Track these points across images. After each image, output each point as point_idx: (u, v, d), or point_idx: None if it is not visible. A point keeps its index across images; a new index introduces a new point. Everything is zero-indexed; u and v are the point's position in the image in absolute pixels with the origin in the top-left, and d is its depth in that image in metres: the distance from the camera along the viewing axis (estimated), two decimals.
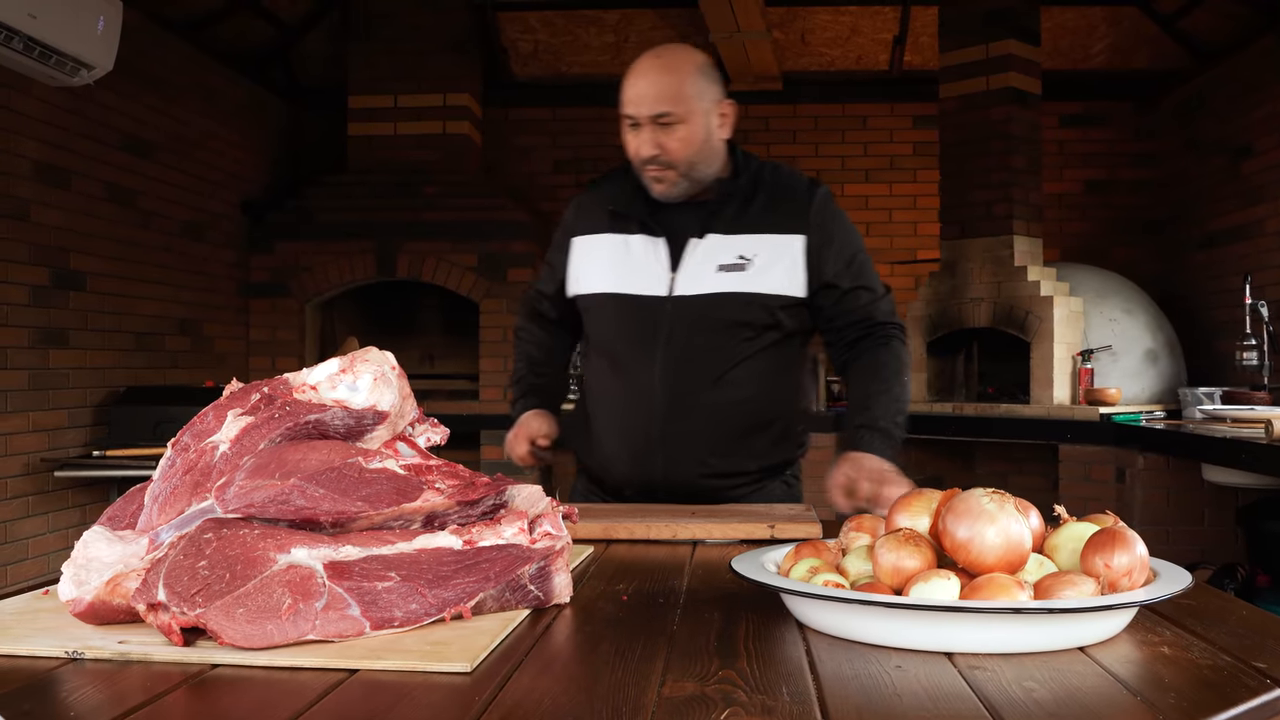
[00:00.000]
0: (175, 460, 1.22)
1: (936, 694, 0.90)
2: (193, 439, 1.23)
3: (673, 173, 2.03)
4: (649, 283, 2.07)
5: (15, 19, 3.80)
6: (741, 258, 2.04)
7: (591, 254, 2.15)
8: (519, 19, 6.44)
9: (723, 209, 2.07)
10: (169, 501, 1.18)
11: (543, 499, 1.29)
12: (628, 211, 2.11)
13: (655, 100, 1.98)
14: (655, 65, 2.01)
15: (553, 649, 1.06)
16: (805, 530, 1.70)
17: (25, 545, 4.38)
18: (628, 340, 2.09)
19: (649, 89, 1.98)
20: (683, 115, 1.99)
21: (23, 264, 4.29)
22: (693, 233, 2.06)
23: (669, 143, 2.00)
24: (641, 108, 1.99)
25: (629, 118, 2.01)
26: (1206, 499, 4.75)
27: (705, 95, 2.02)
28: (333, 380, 1.25)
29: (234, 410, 1.23)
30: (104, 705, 0.89)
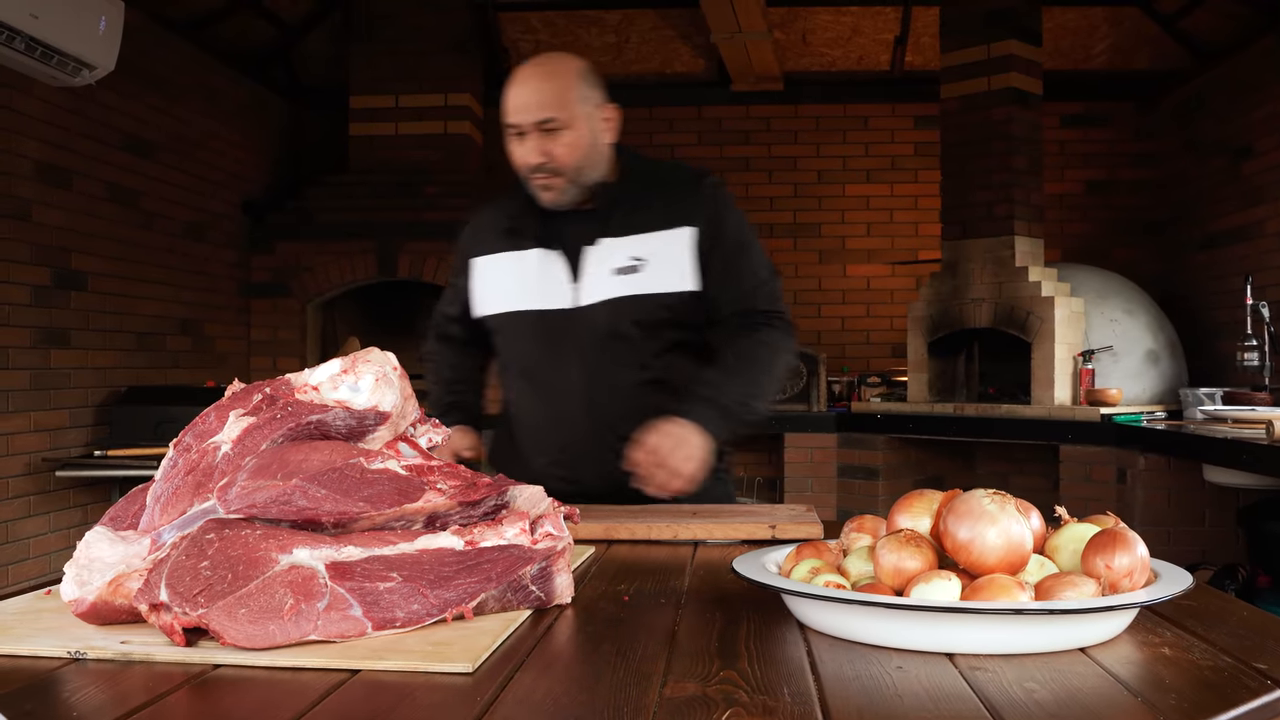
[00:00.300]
0: (177, 461, 1.22)
1: (938, 695, 0.90)
2: (195, 439, 1.23)
3: (560, 179, 2.02)
4: (552, 296, 2.06)
5: (17, 19, 3.81)
6: (635, 259, 2.03)
7: (491, 274, 2.15)
8: (520, 19, 6.45)
9: (613, 213, 2.06)
10: (171, 502, 1.18)
11: (544, 500, 1.29)
12: (521, 227, 2.11)
13: (538, 107, 1.97)
14: (536, 73, 2.01)
15: (554, 649, 1.06)
16: (806, 531, 1.71)
17: (27, 545, 4.38)
18: (541, 356, 2.09)
19: (531, 96, 1.98)
20: (567, 120, 1.99)
21: (24, 264, 4.29)
22: (586, 240, 2.05)
23: (555, 149, 1.99)
24: (525, 115, 1.98)
25: (513, 127, 2.00)
26: (1207, 500, 4.75)
27: (588, 100, 2.02)
28: (334, 381, 1.25)
29: (236, 410, 1.23)
30: (106, 705, 0.89)
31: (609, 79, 5.33)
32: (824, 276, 6.86)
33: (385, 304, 6.38)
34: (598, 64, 7.28)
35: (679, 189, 2.10)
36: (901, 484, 5.82)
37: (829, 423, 5.94)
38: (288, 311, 6.04)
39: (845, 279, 6.87)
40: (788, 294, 6.59)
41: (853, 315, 6.87)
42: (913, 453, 5.92)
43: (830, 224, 6.87)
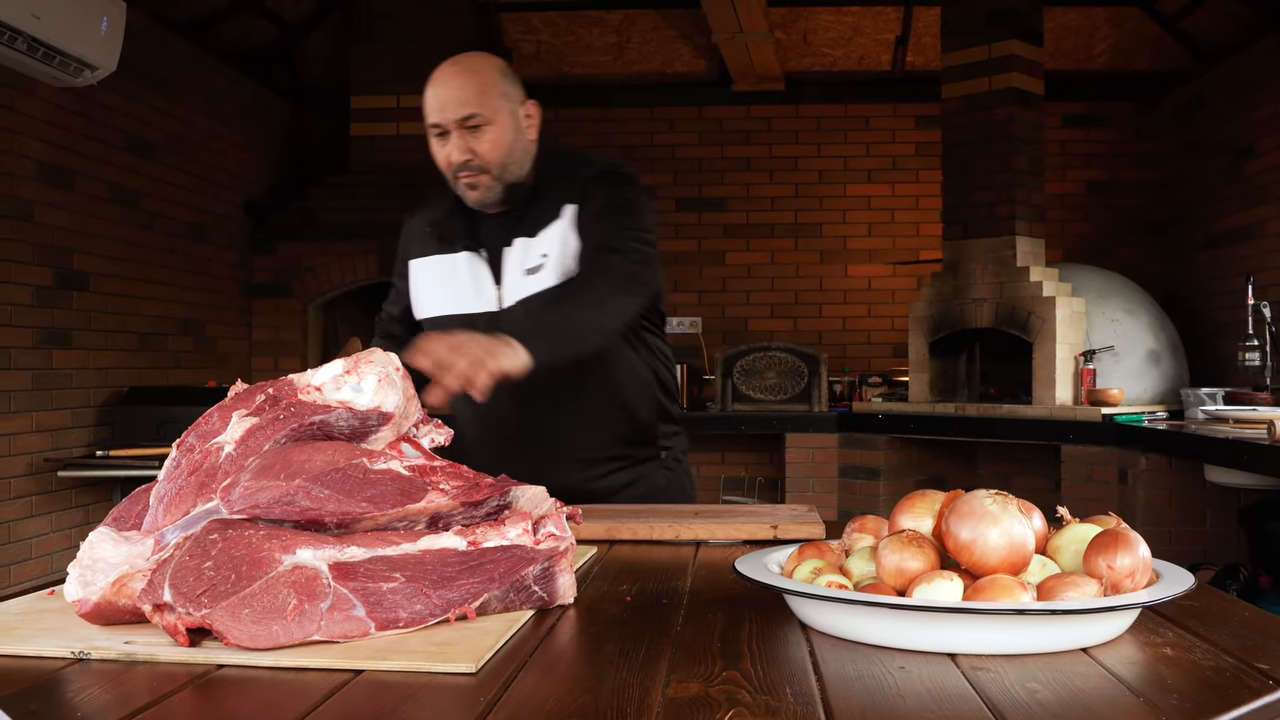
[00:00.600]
0: (180, 461, 1.22)
1: (940, 695, 0.90)
2: (198, 440, 1.23)
3: (486, 177, 2.01)
4: (479, 300, 2.05)
5: (19, 20, 3.81)
6: (543, 256, 2.01)
7: (425, 277, 2.14)
8: (521, 19, 6.45)
9: (527, 212, 2.05)
10: (174, 502, 1.19)
11: (546, 500, 1.29)
12: (449, 230, 2.10)
13: (460, 104, 1.96)
14: (455, 70, 1.99)
15: (557, 649, 1.07)
16: (809, 531, 1.71)
17: (29, 545, 4.39)
18: None
19: (452, 93, 1.96)
20: (490, 116, 1.97)
21: (26, 264, 4.30)
22: (504, 241, 2.04)
23: (479, 146, 1.98)
24: (447, 113, 1.96)
25: (435, 126, 1.98)
26: (1209, 500, 4.75)
27: (509, 96, 2.01)
28: (337, 381, 1.25)
29: (239, 411, 1.24)
30: (110, 706, 0.89)
31: (611, 80, 5.40)
32: (825, 276, 6.86)
33: None
34: (599, 64, 7.29)
35: (574, 174, 2.07)
36: (903, 484, 5.82)
37: (830, 423, 5.94)
38: (289, 312, 6.05)
39: (846, 279, 6.87)
40: (788, 293, 6.54)
41: (854, 315, 6.87)
42: (914, 453, 5.92)
43: (831, 224, 6.87)
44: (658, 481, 2.17)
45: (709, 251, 6.89)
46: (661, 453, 2.20)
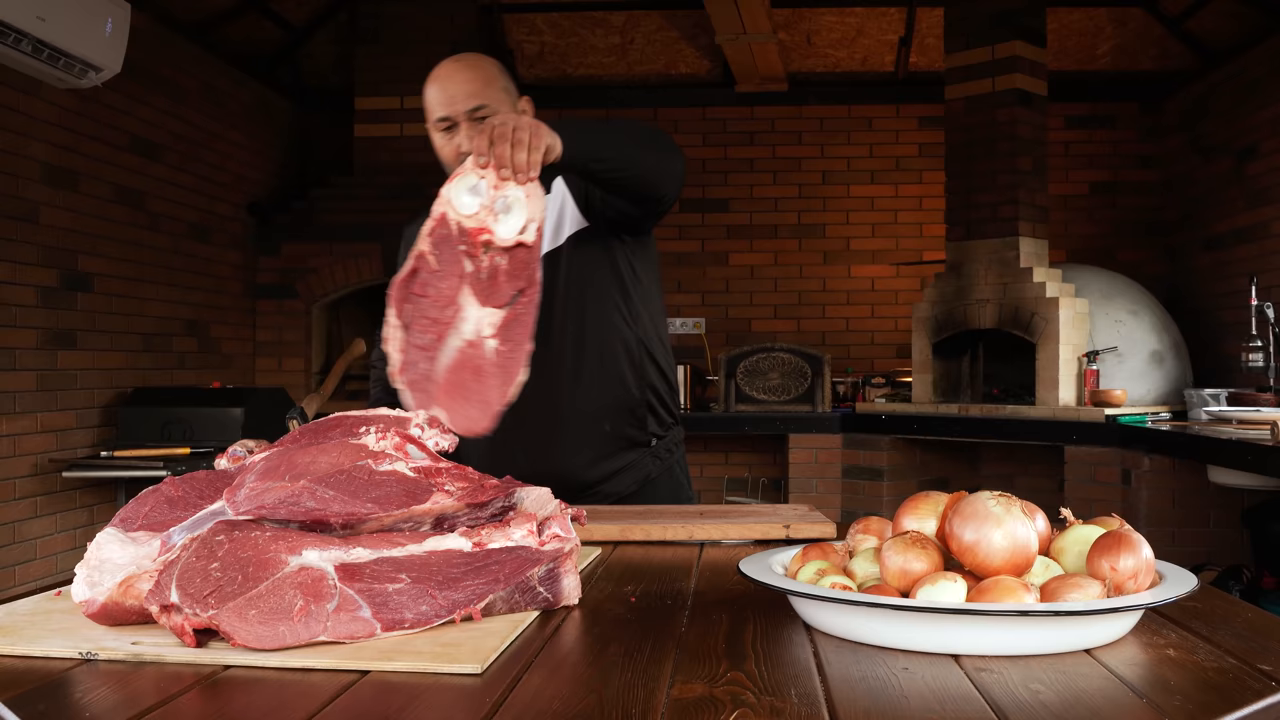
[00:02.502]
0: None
1: (943, 696, 0.90)
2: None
3: None
4: None
5: (24, 21, 3.82)
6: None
7: None
8: (525, 21, 6.46)
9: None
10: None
11: (551, 501, 1.30)
12: None
13: (469, 96, 2.01)
14: (459, 66, 2.04)
15: (562, 650, 1.07)
16: (819, 530, 1.72)
17: (34, 545, 4.40)
18: None
19: (460, 87, 2.02)
20: (496, 107, 2.03)
21: (32, 265, 4.30)
22: None
23: None
24: (456, 105, 2.01)
25: (444, 120, 2.02)
26: (1212, 501, 4.75)
27: (509, 90, 2.08)
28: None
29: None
30: (118, 706, 0.89)
31: (614, 81, 5.39)
32: (828, 277, 6.86)
33: None
34: (602, 65, 7.30)
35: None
36: (906, 485, 5.82)
37: (833, 423, 5.94)
38: (293, 313, 6.05)
39: (850, 280, 6.87)
40: (792, 294, 6.53)
41: (857, 316, 6.87)
42: (917, 454, 5.92)
43: (835, 225, 6.87)
44: (649, 469, 2.16)
45: (712, 252, 6.89)
46: (653, 440, 2.18)
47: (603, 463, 2.12)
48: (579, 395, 2.08)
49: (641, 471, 2.16)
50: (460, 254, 1.47)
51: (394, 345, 1.49)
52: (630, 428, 2.14)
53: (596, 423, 2.11)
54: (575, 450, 2.10)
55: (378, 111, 6.18)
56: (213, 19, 5.54)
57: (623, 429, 2.14)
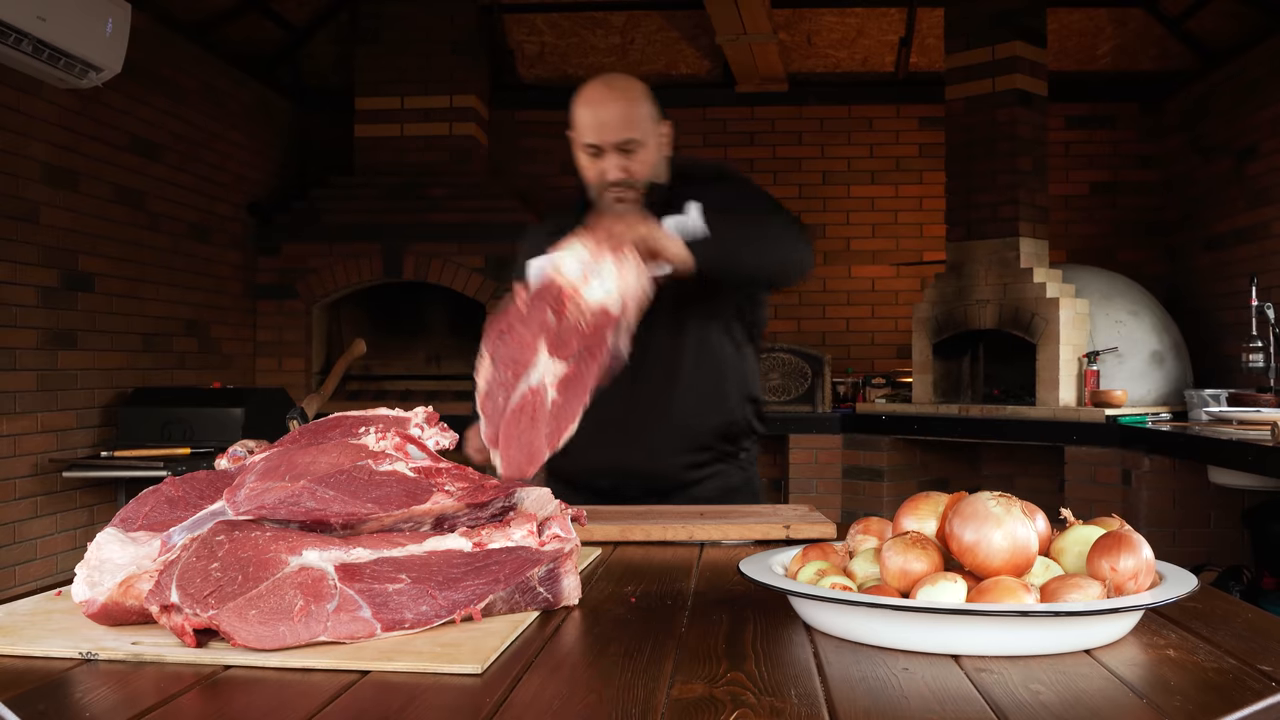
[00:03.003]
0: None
1: (943, 696, 0.90)
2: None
3: (634, 193, 2.16)
4: None
5: (24, 22, 3.82)
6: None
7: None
8: (525, 21, 6.46)
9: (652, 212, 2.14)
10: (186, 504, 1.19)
11: (551, 501, 1.30)
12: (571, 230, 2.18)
13: (620, 128, 2.12)
14: (613, 95, 2.15)
15: (562, 651, 1.07)
16: (820, 531, 1.72)
17: (34, 545, 4.40)
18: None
19: (613, 117, 2.12)
20: (643, 139, 2.14)
21: (32, 265, 4.31)
22: None
23: (633, 166, 2.14)
24: (607, 135, 2.12)
25: (593, 146, 2.14)
26: (1212, 501, 4.75)
27: (654, 117, 2.18)
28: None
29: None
30: (118, 706, 0.89)
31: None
32: (829, 278, 6.86)
33: (390, 305, 6.39)
34: (603, 65, 7.28)
35: (696, 177, 2.25)
36: (906, 485, 5.82)
37: (834, 424, 5.94)
38: (293, 313, 6.05)
39: (850, 280, 6.87)
40: (792, 294, 6.54)
41: (857, 316, 6.87)
42: (917, 454, 5.92)
43: (835, 225, 6.87)
44: (734, 480, 2.29)
45: None
46: (741, 453, 2.33)
47: (696, 469, 2.25)
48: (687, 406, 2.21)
49: (727, 480, 2.27)
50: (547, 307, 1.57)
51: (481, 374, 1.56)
52: (725, 442, 2.28)
53: (698, 433, 2.24)
54: (674, 454, 2.22)
55: (378, 111, 6.19)
56: (213, 19, 5.54)
57: (719, 442, 2.27)
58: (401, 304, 6.38)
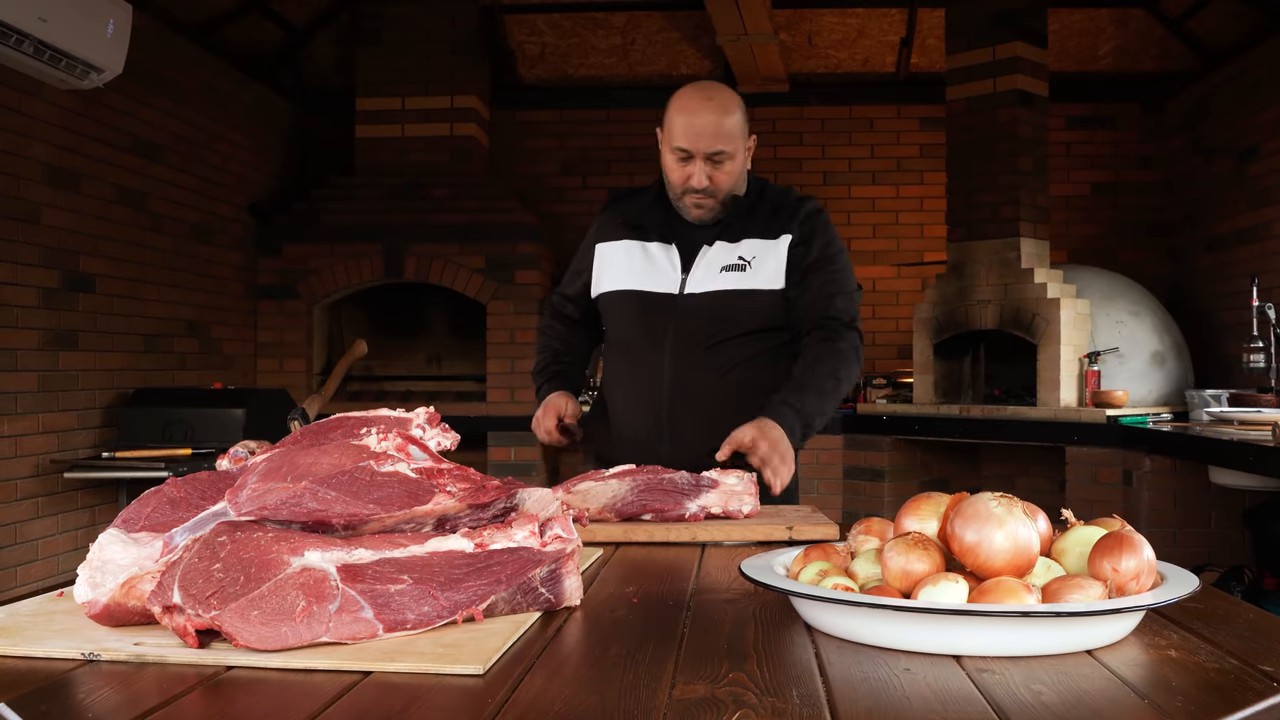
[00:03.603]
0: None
1: (945, 696, 0.90)
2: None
3: (713, 201, 2.26)
4: (663, 281, 2.29)
5: (26, 23, 3.82)
6: (741, 259, 2.27)
7: (613, 257, 2.38)
8: (526, 21, 6.46)
9: (732, 222, 2.29)
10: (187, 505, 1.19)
11: (553, 502, 1.30)
12: (647, 222, 2.34)
13: (713, 139, 2.19)
14: (711, 106, 2.21)
15: (564, 651, 1.07)
16: (822, 532, 1.72)
17: (35, 546, 4.40)
18: (641, 332, 2.30)
19: (708, 127, 2.19)
20: (732, 153, 2.22)
21: (33, 266, 4.31)
22: (705, 241, 2.29)
23: (718, 176, 2.22)
24: (700, 144, 2.19)
25: (683, 150, 2.21)
26: (1213, 501, 4.75)
27: (745, 133, 2.26)
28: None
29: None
30: (120, 707, 0.90)
31: (615, 81, 5.36)
32: None
33: (391, 306, 6.39)
34: (603, 65, 7.27)
35: (785, 203, 2.35)
36: (907, 486, 5.82)
37: (835, 424, 5.94)
38: (294, 313, 6.06)
39: None
40: None
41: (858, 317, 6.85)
42: (918, 454, 5.92)
43: (836, 226, 6.84)
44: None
45: None
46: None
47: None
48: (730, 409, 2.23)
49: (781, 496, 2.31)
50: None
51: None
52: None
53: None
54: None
55: (379, 112, 6.19)
56: (214, 20, 5.54)
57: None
58: (402, 305, 6.38)
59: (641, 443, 2.28)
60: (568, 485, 1.82)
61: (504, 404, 5.90)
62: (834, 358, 2.22)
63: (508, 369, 5.93)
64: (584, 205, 6.77)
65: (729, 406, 2.22)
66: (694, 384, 2.25)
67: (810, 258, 2.29)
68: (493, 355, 5.96)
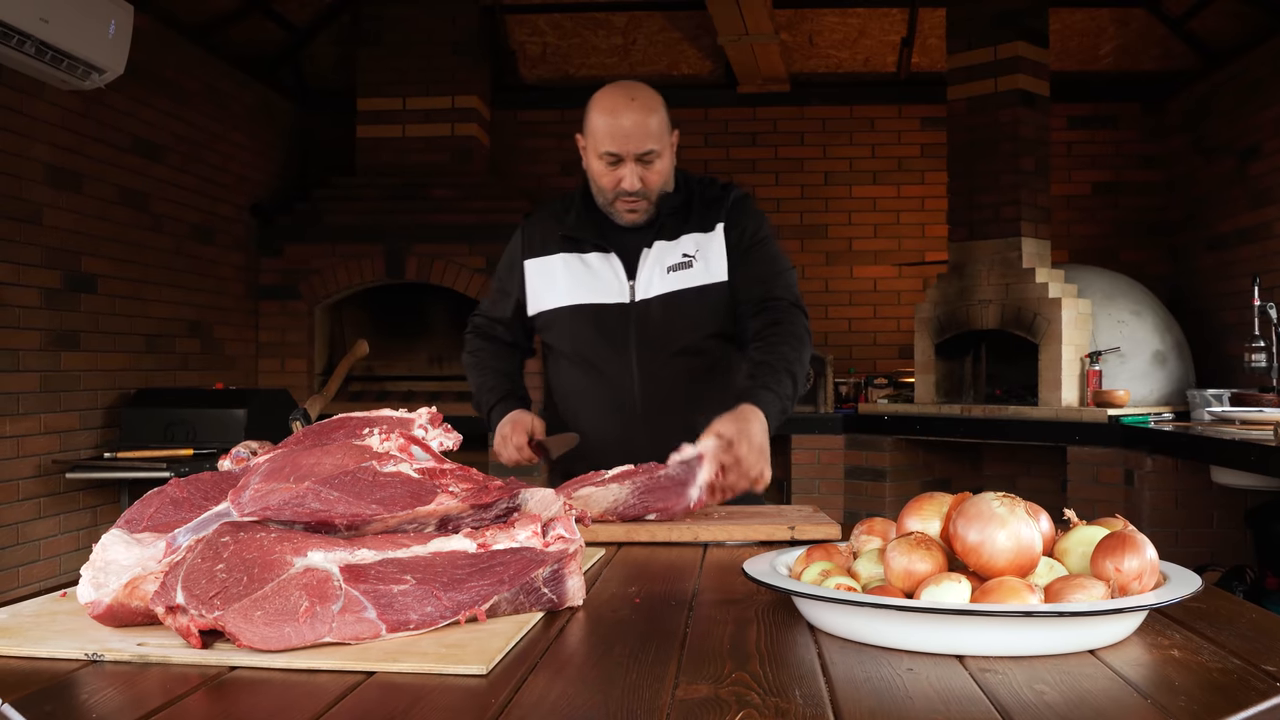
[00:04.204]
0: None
1: (948, 696, 0.90)
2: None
3: (645, 202, 2.23)
4: (610, 292, 2.27)
5: (27, 23, 3.83)
6: (685, 255, 2.26)
7: (548, 273, 2.33)
8: (527, 21, 6.46)
9: (664, 220, 2.26)
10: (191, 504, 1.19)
11: (556, 502, 1.30)
12: (579, 233, 2.29)
13: (642, 139, 2.15)
14: (635, 106, 2.17)
15: (567, 652, 1.07)
16: (824, 532, 1.72)
17: (37, 547, 4.40)
18: (600, 345, 2.27)
19: (635, 129, 2.15)
20: (660, 151, 2.19)
21: (35, 267, 4.31)
22: (644, 242, 2.26)
23: (649, 176, 2.19)
24: (629, 145, 2.16)
25: (612, 154, 2.17)
26: (1215, 501, 4.75)
27: (669, 128, 2.23)
28: None
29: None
30: (124, 707, 0.90)
31: (616, 81, 5.22)
32: (831, 278, 6.86)
33: (393, 306, 6.39)
34: (604, 65, 7.27)
35: (714, 195, 2.33)
36: (909, 485, 5.82)
37: (836, 424, 5.94)
38: (296, 314, 6.06)
39: (852, 281, 6.87)
40: None
41: (860, 317, 6.87)
42: (920, 454, 5.92)
43: (837, 226, 6.87)
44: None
45: None
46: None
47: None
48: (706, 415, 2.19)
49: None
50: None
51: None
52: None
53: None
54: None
55: (380, 112, 6.19)
56: (215, 20, 5.54)
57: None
58: (404, 305, 6.38)
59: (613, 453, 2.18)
60: (567, 490, 1.82)
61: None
62: (792, 339, 2.18)
63: None
64: None
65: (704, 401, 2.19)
66: (664, 390, 2.23)
67: (744, 242, 2.27)
68: None
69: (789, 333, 2.19)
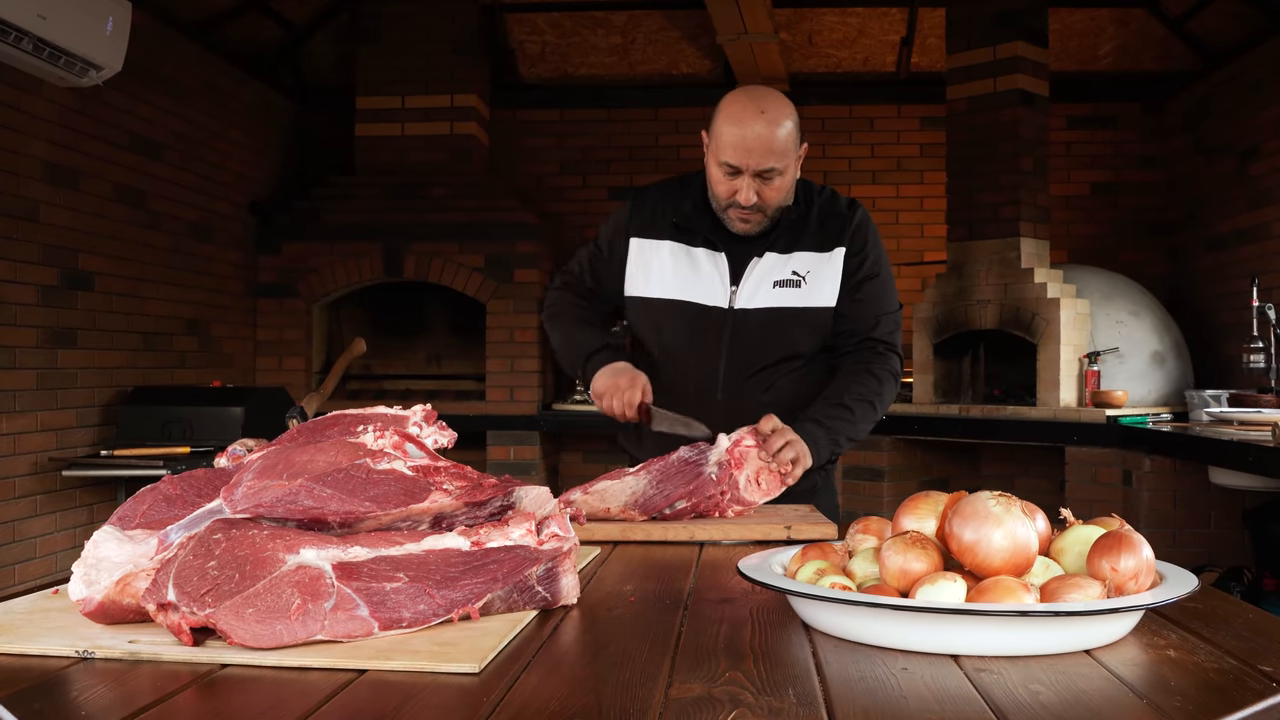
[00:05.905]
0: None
1: (943, 696, 0.90)
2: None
3: (761, 215, 2.14)
4: (711, 294, 2.20)
5: (25, 20, 3.82)
6: (795, 274, 2.18)
7: (655, 258, 2.25)
8: (526, 20, 6.45)
9: (782, 232, 2.19)
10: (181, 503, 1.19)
11: (550, 500, 1.29)
12: (693, 225, 2.21)
13: (764, 155, 2.05)
14: (763, 119, 2.06)
15: (560, 650, 1.07)
16: (820, 531, 1.71)
17: (33, 544, 4.39)
18: (691, 345, 2.21)
19: (759, 144, 2.05)
20: (783, 169, 2.09)
21: (32, 264, 4.30)
22: (755, 251, 2.19)
23: (767, 192, 2.10)
24: (750, 160, 2.06)
25: (731, 166, 2.08)
26: (1213, 502, 4.75)
27: (798, 143, 2.13)
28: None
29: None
30: (114, 704, 0.89)
31: (615, 80, 5.35)
32: None
33: (391, 305, 6.39)
34: (604, 64, 7.26)
35: (837, 214, 2.25)
36: (906, 485, 5.81)
37: None
38: (294, 312, 6.05)
39: None
40: None
41: None
42: (918, 454, 5.92)
43: None
44: (815, 480, 2.22)
45: None
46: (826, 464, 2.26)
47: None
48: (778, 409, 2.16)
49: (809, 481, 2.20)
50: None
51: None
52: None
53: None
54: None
55: (379, 111, 6.19)
56: (214, 18, 5.54)
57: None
58: (402, 303, 6.38)
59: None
60: (585, 487, 1.80)
61: (503, 403, 5.89)
62: (873, 382, 2.17)
63: (507, 368, 5.93)
64: (584, 204, 6.77)
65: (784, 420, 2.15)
66: (746, 401, 2.17)
67: (861, 274, 2.21)
68: (492, 354, 5.96)
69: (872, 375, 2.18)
